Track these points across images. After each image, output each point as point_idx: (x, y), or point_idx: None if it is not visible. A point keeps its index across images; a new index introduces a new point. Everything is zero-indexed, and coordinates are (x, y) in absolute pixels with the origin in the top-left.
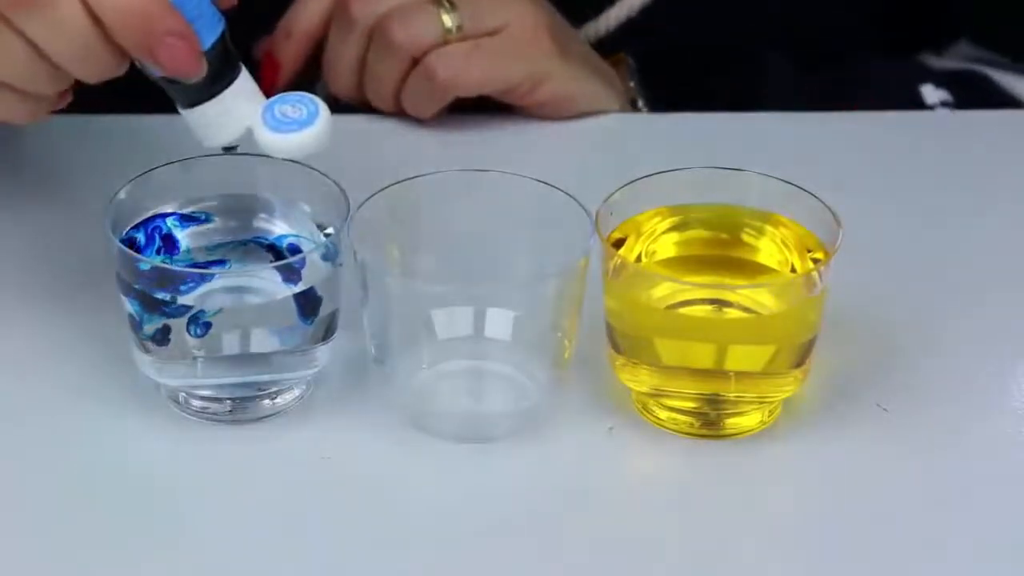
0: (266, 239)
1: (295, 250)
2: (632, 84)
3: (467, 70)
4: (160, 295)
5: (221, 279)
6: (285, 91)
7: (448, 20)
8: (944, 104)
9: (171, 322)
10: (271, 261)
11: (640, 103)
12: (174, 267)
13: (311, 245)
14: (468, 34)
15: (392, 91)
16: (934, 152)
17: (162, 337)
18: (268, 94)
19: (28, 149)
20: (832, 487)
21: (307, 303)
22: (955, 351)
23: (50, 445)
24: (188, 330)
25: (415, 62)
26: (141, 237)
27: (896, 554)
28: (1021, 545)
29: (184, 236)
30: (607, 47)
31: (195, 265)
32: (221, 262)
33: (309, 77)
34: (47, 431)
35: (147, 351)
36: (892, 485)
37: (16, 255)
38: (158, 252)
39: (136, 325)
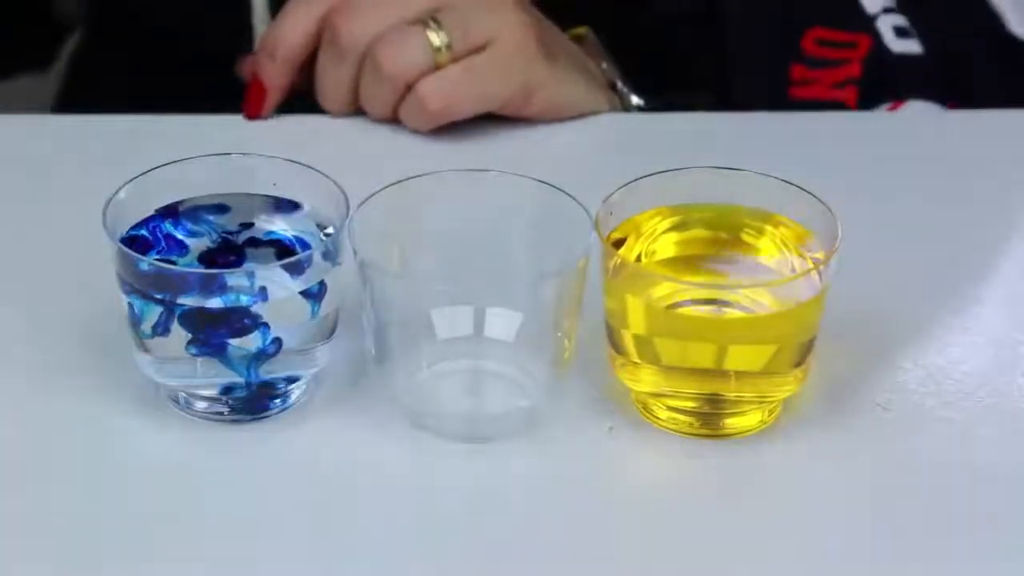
0: (267, 238)
1: (305, 245)
2: (605, 65)
3: (458, 98)
4: (160, 295)
5: (221, 279)
6: (274, 113)
7: (436, 39)
8: (887, 11)
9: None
10: (274, 260)
11: (619, 84)
12: (174, 267)
13: (314, 242)
14: (457, 52)
15: (387, 113)
16: (934, 152)
17: (164, 328)
18: (257, 117)
19: (28, 149)
20: (832, 487)
21: (312, 299)
22: (955, 351)
23: (49, 445)
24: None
25: (408, 86)
26: (147, 235)
27: (896, 554)
28: (1022, 545)
29: (184, 236)
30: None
31: (195, 265)
32: (221, 262)
33: (294, 91)
34: (46, 431)
35: (147, 351)
36: (892, 485)
37: (15, 255)
38: (159, 252)
39: (136, 322)
